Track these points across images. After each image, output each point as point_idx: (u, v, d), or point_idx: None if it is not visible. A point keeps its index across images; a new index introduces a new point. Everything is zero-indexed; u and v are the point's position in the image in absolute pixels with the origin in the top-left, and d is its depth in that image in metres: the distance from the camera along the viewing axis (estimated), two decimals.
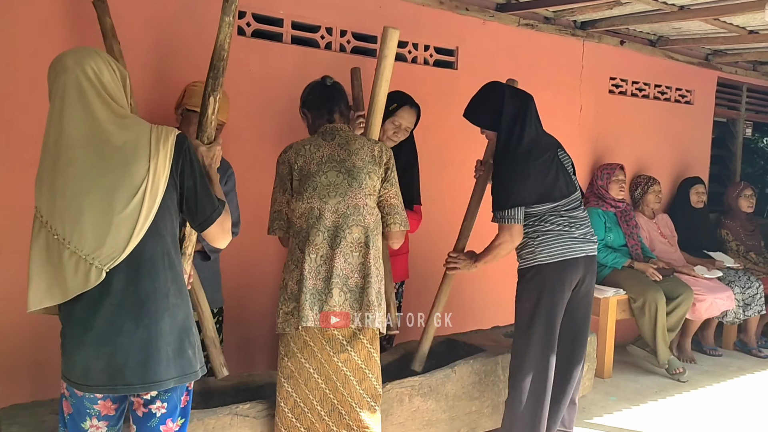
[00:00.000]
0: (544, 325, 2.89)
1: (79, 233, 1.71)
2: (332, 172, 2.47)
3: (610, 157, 4.97)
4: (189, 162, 1.85)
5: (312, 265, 2.43)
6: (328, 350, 2.46)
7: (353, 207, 2.46)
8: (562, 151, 3.02)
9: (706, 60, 5.58)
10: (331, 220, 2.45)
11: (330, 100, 2.64)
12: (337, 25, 3.53)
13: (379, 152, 2.55)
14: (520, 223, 2.87)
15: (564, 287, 2.91)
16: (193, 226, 1.96)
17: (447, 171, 4.01)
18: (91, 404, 1.82)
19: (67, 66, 1.75)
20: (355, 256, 2.47)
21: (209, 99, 2.21)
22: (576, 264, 2.91)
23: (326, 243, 2.45)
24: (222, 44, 2.20)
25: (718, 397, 4.16)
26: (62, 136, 1.72)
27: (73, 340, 1.75)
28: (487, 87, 3.03)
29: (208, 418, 2.36)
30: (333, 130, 2.57)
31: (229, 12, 2.20)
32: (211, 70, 2.23)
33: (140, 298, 1.76)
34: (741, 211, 5.49)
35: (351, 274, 2.46)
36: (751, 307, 4.90)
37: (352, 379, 2.47)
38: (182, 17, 3.00)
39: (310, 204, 2.46)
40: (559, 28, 4.48)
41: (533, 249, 2.91)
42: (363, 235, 2.48)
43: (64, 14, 2.72)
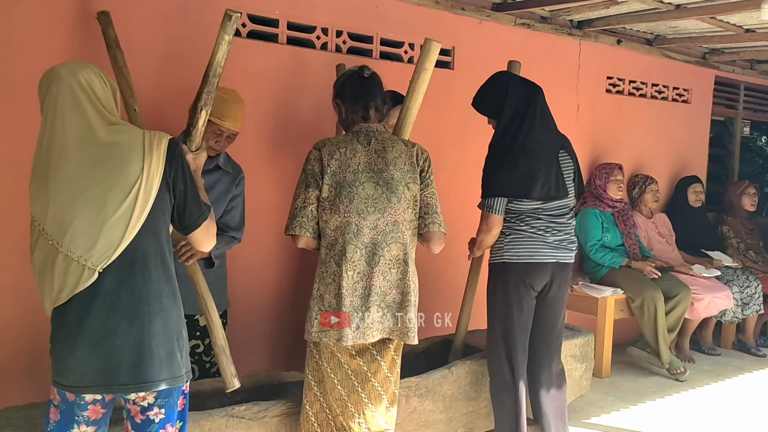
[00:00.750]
0: (501, 323, 2.89)
1: (71, 236, 1.71)
2: (370, 184, 2.39)
3: (608, 157, 4.96)
4: (181, 166, 1.87)
5: (349, 282, 2.37)
6: (358, 360, 2.43)
7: (392, 224, 2.40)
8: (566, 153, 2.94)
9: (703, 59, 5.58)
10: (369, 237, 2.39)
11: (366, 95, 2.51)
12: (332, 25, 3.52)
13: (416, 157, 2.48)
14: (499, 214, 2.85)
15: (526, 289, 2.87)
16: (178, 229, 1.96)
17: (443, 171, 3.98)
18: (80, 410, 1.81)
19: (60, 75, 1.78)
20: (393, 273, 2.43)
21: (200, 112, 2.23)
22: (542, 268, 2.87)
23: (364, 260, 2.39)
24: (219, 61, 2.21)
25: (716, 397, 4.16)
26: (54, 142, 1.74)
27: (66, 342, 1.75)
28: (495, 76, 3.01)
29: (203, 420, 2.35)
30: (368, 133, 2.47)
31: (230, 31, 2.20)
32: (204, 85, 2.24)
33: (133, 297, 1.76)
34: (743, 210, 5.49)
35: (389, 291, 2.43)
36: (749, 306, 4.90)
37: (379, 389, 2.45)
38: (182, 20, 3.00)
39: (347, 218, 2.37)
40: (556, 28, 4.48)
41: (502, 246, 2.89)
42: (402, 252, 2.43)
43: (70, 28, 2.72)
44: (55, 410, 1.83)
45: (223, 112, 2.61)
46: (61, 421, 1.82)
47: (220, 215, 2.81)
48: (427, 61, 2.64)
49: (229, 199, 2.82)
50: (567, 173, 2.93)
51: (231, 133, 2.70)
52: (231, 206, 2.84)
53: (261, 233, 3.27)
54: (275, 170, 3.35)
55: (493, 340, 2.96)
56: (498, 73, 3.03)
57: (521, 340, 2.89)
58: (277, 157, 3.36)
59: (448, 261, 3.28)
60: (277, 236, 3.27)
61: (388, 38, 3.75)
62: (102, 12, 2.55)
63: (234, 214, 2.86)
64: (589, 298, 4.40)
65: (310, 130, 3.37)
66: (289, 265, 3.45)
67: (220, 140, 2.69)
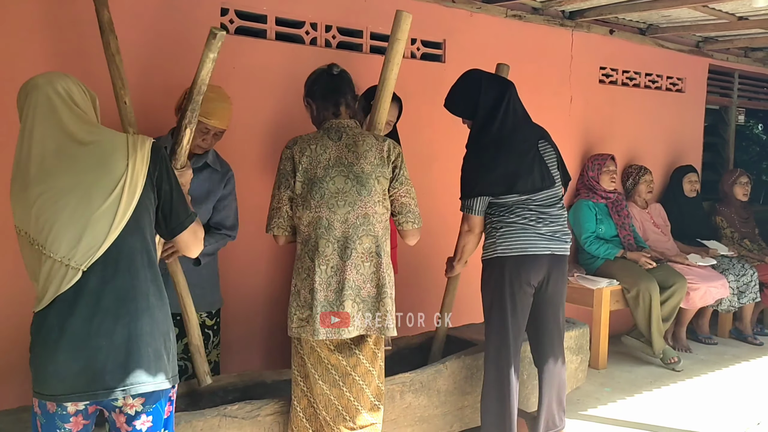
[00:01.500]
0: (498, 319, 2.86)
1: (54, 236, 1.69)
2: (340, 178, 2.40)
3: (601, 148, 4.94)
4: (165, 168, 1.85)
5: (323, 276, 2.38)
6: (337, 355, 2.43)
7: (363, 216, 2.40)
8: (546, 143, 2.93)
9: (696, 47, 5.55)
10: (340, 231, 2.39)
11: (336, 92, 2.52)
12: (321, 20, 3.50)
13: (387, 151, 2.48)
14: (479, 214, 2.85)
15: (522, 283, 2.83)
16: (163, 233, 1.92)
17: (436, 165, 3.98)
18: (62, 422, 1.76)
19: (37, 84, 1.77)
20: (366, 266, 2.42)
21: (185, 130, 2.21)
22: (537, 261, 2.83)
23: (336, 254, 2.39)
24: (204, 79, 2.20)
25: (713, 386, 4.15)
26: (34, 147, 1.72)
27: (47, 347, 1.70)
28: (465, 76, 2.98)
29: (195, 420, 2.34)
30: (339, 128, 2.48)
31: (214, 49, 2.17)
32: (189, 103, 2.22)
33: (118, 296, 1.73)
34: (736, 199, 5.47)
35: (363, 285, 2.42)
36: (745, 294, 4.90)
37: (361, 383, 2.44)
38: (171, 15, 2.98)
39: (318, 213, 2.38)
40: (548, 19, 4.45)
41: (494, 240, 2.86)
42: (374, 244, 2.43)
43: (62, 12, 2.69)
44: (38, 423, 1.79)
45: (209, 110, 2.59)
46: None
47: (210, 213, 2.79)
48: (399, 31, 2.64)
49: (219, 198, 2.80)
50: (550, 163, 2.91)
51: (218, 130, 2.68)
52: (223, 205, 2.83)
53: (253, 231, 3.24)
54: (266, 168, 3.33)
55: (488, 336, 2.93)
56: (468, 73, 3.00)
57: (515, 335, 2.86)
58: (268, 155, 3.34)
59: (443, 258, 3.27)
60: (269, 234, 3.25)
61: (378, 32, 3.72)
62: None
63: (227, 213, 2.84)
64: (584, 289, 4.40)
65: (300, 127, 3.33)
66: (282, 263, 3.44)
67: (207, 138, 2.68)
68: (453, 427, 3.07)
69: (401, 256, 3.58)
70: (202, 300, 2.67)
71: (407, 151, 3.39)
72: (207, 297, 2.81)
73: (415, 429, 2.90)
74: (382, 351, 2.53)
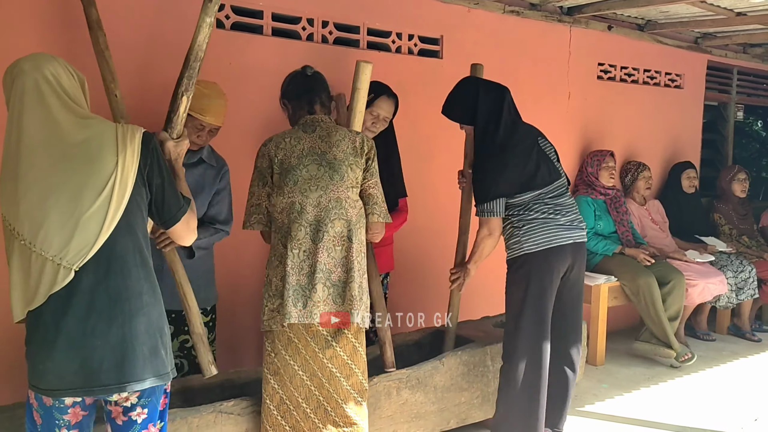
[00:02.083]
0: (534, 313, 2.88)
1: (44, 234, 1.68)
2: (313, 165, 2.44)
3: (600, 144, 4.94)
4: (156, 160, 1.83)
5: (295, 260, 2.40)
6: (313, 346, 2.44)
7: (335, 200, 2.43)
8: (543, 139, 3.03)
9: (695, 43, 5.54)
10: (312, 215, 2.42)
11: (310, 91, 2.60)
12: (318, 16, 3.48)
13: (360, 143, 2.53)
14: (499, 216, 2.89)
15: (552, 275, 2.90)
16: (158, 224, 1.94)
17: (434, 161, 3.97)
18: (60, 414, 1.76)
19: (24, 69, 1.73)
20: (338, 251, 2.44)
21: (181, 98, 2.19)
22: (563, 251, 2.90)
23: (308, 238, 2.42)
24: (200, 45, 2.18)
25: (711, 382, 4.15)
26: (22, 139, 1.70)
27: (43, 345, 1.70)
28: (462, 83, 3.07)
29: (191, 417, 2.34)
30: (314, 122, 2.54)
31: (210, 13, 2.17)
32: (186, 69, 2.20)
33: (111, 297, 1.73)
34: (734, 195, 5.46)
35: (334, 269, 2.44)
36: (744, 291, 4.89)
37: (338, 375, 2.45)
38: (165, 11, 2.96)
39: (291, 198, 2.42)
40: (546, 15, 4.44)
41: (519, 238, 2.91)
42: (345, 228, 2.45)
43: (50, 8, 2.68)
44: (36, 414, 1.79)
45: (204, 106, 2.59)
46: (43, 426, 1.78)
47: (205, 209, 2.78)
48: (359, 81, 2.71)
49: (214, 193, 2.80)
50: (552, 157, 3.01)
51: (213, 127, 2.68)
52: (217, 200, 2.82)
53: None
54: None
55: (518, 332, 2.88)
56: (465, 80, 3.08)
57: (548, 330, 2.90)
58: None
59: (447, 259, 3.26)
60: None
61: (375, 28, 3.71)
62: None
63: (221, 208, 2.84)
64: None
65: None
66: None
67: (202, 135, 2.67)
68: (450, 423, 3.06)
69: (400, 255, 3.58)
70: (197, 296, 2.65)
71: (404, 148, 3.40)
72: (202, 293, 2.80)
73: (411, 425, 2.90)
74: (364, 346, 2.52)
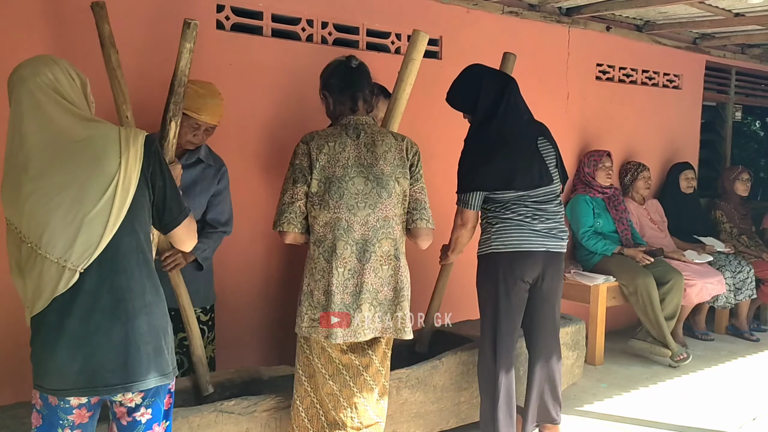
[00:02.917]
0: (492, 314, 2.88)
1: (48, 236, 1.68)
2: (360, 179, 2.36)
3: (599, 144, 4.95)
4: (158, 163, 1.84)
5: (340, 279, 2.34)
6: (350, 355, 2.41)
7: (383, 219, 2.37)
8: (545, 140, 2.95)
9: (693, 44, 5.55)
10: (360, 233, 2.35)
11: (354, 85, 2.46)
12: (318, 16, 3.49)
13: (406, 150, 2.45)
14: (474, 209, 2.85)
15: (516, 279, 2.85)
16: (158, 228, 1.94)
17: (432, 162, 3.96)
18: (65, 414, 1.77)
19: (23, 77, 1.74)
20: (385, 270, 2.39)
21: (170, 124, 2.23)
22: (532, 257, 2.84)
23: (355, 257, 2.36)
24: (183, 70, 2.22)
25: (710, 382, 4.16)
26: (24, 145, 1.71)
27: (46, 345, 1.71)
28: (466, 71, 3.00)
29: (192, 416, 2.35)
30: (357, 125, 2.43)
31: (190, 39, 2.20)
32: (172, 96, 2.24)
33: (115, 296, 1.73)
34: (736, 195, 5.49)
35: (381, 288, 2.40)
36: (742, 291, 4.91)
37: (371, 383, 2.43)
38: (165, 16, 2.97)
39: (337, 214, 2.34)
40: (544, 15, 4.45)
41: (489, 236, 2.88)
42: (393, 247, 2.40)
43: (63, 23, 2.70)
44: (38, 415, 1.80)
45: (199, 106, 2.60)
46: (43, 426, 1.79)
47: (204, 208, 2.79)
48: (415, 51, 2.62)
49: (214, 194, 2.80)
50: (549, 160, 2.93)
51: (208, 126, 2.68)
52: (218, 201, 2.83)
53: (247, 228, 3.25)
54: (261, 165, 3.33)
55: (482, 331, 2.96)
56: (470, 67, 3.01)
57: (508, 331, 2.88)
58: (264, 152, 3.34)
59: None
60: (264, 230, 3.26)
61: (374, 29, 3.72)
62: (96, 2, 2.35)
63: (222, 209, 2.84)
64: (581, 285, 4.40)
65: (296, 124, 3.35)
66: (277, 259, 3.44)
67: (198, 134, 2.68)
68: (449, 422, 3.08)
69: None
70: (196, 296, 2.67)
71: None
72: (201, 293, 2.81)
73: (411, 425, 2.91)
74: (391, 350, 2.53)
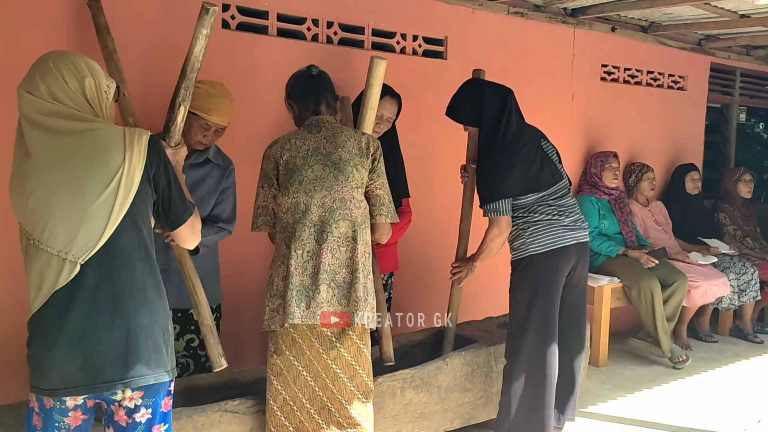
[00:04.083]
0: (540, 314, 2.90)
1: (50, 230, 1.68)
2: (318, 166, 2.44)
3: (603, 145, 4.94)
4: (163, 162, 1.84)
5: (299, 261, 2.40)
6: (318, 347, 2.44)
7: (340, 200, 2.43)
8: (546, 141, 3.05)
9: (698, 45, 5.54)
10: (317, 215, 2.42)
11: (316, 91, 2.59)
12: (323, 16, 3.49)
13: (366, 143, 2.52)
14: (507, 214, 2.91)
15: (558, 276, 2.93)
16: (163, 226, 1.95)
17: (437, 162, 3.98)
18: (61, 416, 1.74)
19: (21, 92, 1.75)
20: (342, 251, 2.43)
21: (179, 108, 2.23)
22: (568, 252, 2.93)
23: (312, 238, 2.42)
24: (197, 56, 2.21)
25: (714, 384, 4.15)
26: (29, 150, 1.71)
27: (45, 343, 1.69)
28: (467, 84, 3.08)
29: (196, 416, 2.34)
30: (319, 123, 2.54)
31: (207, 25, 2.19)
32: (182, 80, 2.23)
33: (116, 291, 1.72)
34: (739, 197, 5.47)
35: (339, 270, 2.43)
36: (746, 293, 4.89)
37: (342, 376, 2.44)
38: (169, 12, 2.97)
39: (296, 198, 2.42)
40: (550, 16, 4.44)
41: (524, 240, 2.93)
42: (350, 229, 2.45)
43: (60, 13, 2.69)
44: (37, 417, 1.77)
45: (210, 106, 2.60)
46: (42, 429, 1.76)
47: (211, 208, 2.78)
48: (372, 77, 2.71)
49: (220, 192, 2.80)
50: (554, 158, 3.04)
51: (219, 127, 2.68)
52: (222, 198, 2.82)
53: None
54: None
55: (524, 334, 2.90)
56: (469, 81, 3.10)
57: (552, 326, 2.92)
58: None
59: (451, 259, 3.26)
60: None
61: (380, 28, 3.71)
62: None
63: (224, 206, 2.84)
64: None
65: None
66: None
67: (208, 134, 2.68)
68: (453, 423, 3.07)
69: (403, 255, 3.58)
70: None
71: (408, 148, 3.41)
72: (207, 292, 2.78)
73: (415, 425, 2.91)
74: (368, 347, 2.51)
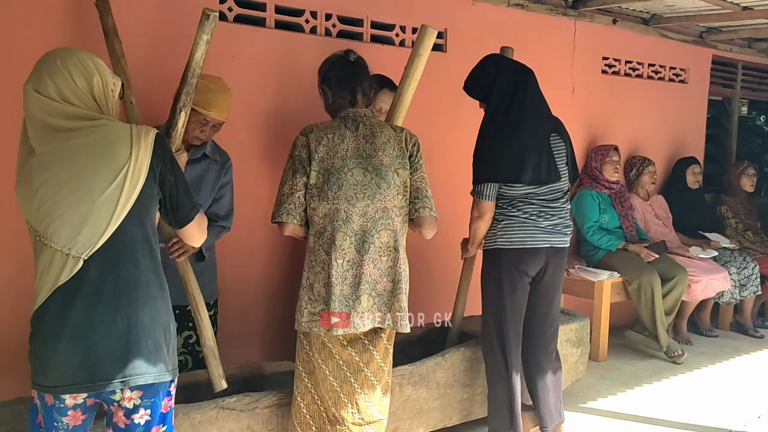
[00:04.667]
0: (494, 310, 2.89)
1: (56, 226, 1.67)
2: (358, 170, 2.36)
3: (604, 139, 4.91)
4: (169, 159, 1.83)
5: (339, 270, 2.34)
6: (350, 350, 2.40)
7: (382, 210, 2.37)
8: (558, 137, 2.92)
9: (700, 38, 5.50)
10: (358, 224, 2.35)
11: (353, 79, 2.46)
12: (321, 8, 3.45)
13: (405, 141, 2.46)
14: (489, 200, 2.84)
15: (520, 274, 2.86)
16: (171, 224, 1.93)
17: (436, 155, 3.93)
18: (59, 415, 1.73)
19: (26, 90, 1.73)
20: (384, 261, 2.38)
21: (179, 113, 2.20)
22: (536, 253, 2.85)
23: (354, 248, 2.35)
24: (198, 62, 2.19)
25: (714, 379, 4.14)
26: (35, 149, 1.70)
27: (47, 339, 1.68)
28: (485, 60, 2.99)
29: (193, 413, 2.32)
30: (356, 118, 2.43)
31: (207, 30, 2.17)
32: (183, 86, 2.21)
33: (119, 286, 1.71)
34: (742, 190, 5.46)
35: (380, 279, 2.39)
36: (746, 287, 4.88)
37: (372, 379, 2.41)
38: (171, 7, 2.93)
39: (336, 205, 2.33)
40: (550, 8, 4.40)
41: (495, 232, 2.88)
42: (392, 239, 2.39)
43: (67, 14, 2.67)
44: (40, 415, 1.77)
45: (209, 101, 2.56)
46: (45, 428, 1.76)
47: (210, 204, 2.76)
48: (422, 47, 2.61)
49: (218, 188, 2.78)
50: (559, 157, 2.90)
51: (216, 122, 2.65)
52: (219, 194, 2.80)
53: (251, 222, 3.22)
54: (265, 158, 3.30)
55: (486, 327, 2.94)
56: (488, 56, 3.00)
57: (514, 326, 2.88)
58: (267, 145, 3.31)
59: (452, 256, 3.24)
60: (267, 225, 3.22)
61: (379, 21, 3.68)
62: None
63: (222, 202, 2.82)
64: (585, 281, 4.37)
65: (299, 117, 3.31)
66: (280, 254, 3.41)
67: (206, 130, 2.65)
68: (452, 419, 3.06)
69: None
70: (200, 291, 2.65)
71: None
72: (205, 288, 2.78)
73: (414, 422, 2.89)
74: (393, 345, 2.51)
